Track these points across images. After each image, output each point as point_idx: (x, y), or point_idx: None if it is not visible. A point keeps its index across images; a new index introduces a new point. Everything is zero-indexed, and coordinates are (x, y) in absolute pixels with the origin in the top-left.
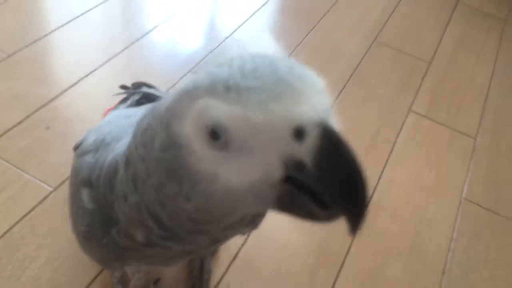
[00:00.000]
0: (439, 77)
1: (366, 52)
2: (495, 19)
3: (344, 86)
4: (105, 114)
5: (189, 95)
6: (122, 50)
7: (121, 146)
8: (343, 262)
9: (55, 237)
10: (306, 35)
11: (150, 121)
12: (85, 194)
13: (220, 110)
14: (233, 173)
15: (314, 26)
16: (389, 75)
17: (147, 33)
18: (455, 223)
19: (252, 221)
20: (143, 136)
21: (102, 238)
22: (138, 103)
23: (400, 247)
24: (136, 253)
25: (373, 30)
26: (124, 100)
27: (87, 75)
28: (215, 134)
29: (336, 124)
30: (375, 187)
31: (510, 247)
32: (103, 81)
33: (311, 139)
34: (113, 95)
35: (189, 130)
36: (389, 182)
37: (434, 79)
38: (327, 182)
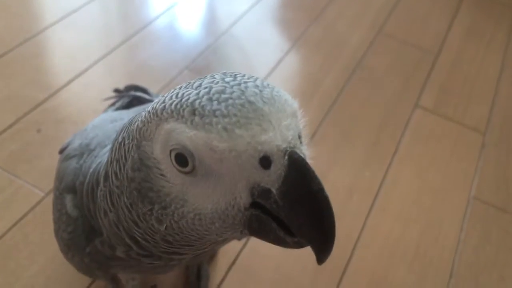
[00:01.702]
0: (447, 70)
1: (370, 45)
2: (506, 7)
3: (347, 80)
4: None
5: (157, 117)
6: (115, 49)
7: (104, 154)
8: (346, 266)
9: (48, 243)
10: (308, 27)
11: (124, 137)
12: (68, 200)
13: (185, 135)
14: (201, 198)
15: (316, 18)
16: (394, 68)
17: (141, 29)
18: (463, 223)
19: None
20: (118, 152)
21: (85, 247)
22: (128, 105)
23: (405, 249)
24: (122, 263)
25: (377, 21)
26: (114, 103)
27: (79, 75)
28: (182, 158)
29: (305, 150)
30: (379, 188)
31: None
32: (96, 80)
33: (277, 168)
34: (103, 99)
35: (157, 152)
36: (394, 181)
37: (442, 72)
38: (291, 212)
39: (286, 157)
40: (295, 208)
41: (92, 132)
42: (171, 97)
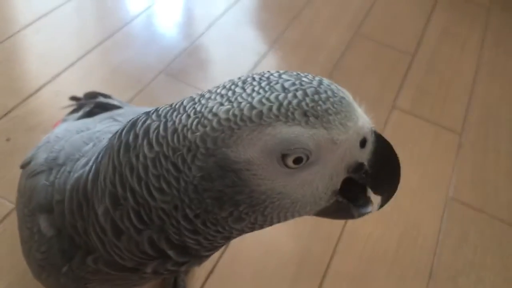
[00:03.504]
0: (423, 70)
1: (348, 46)
2: (480, 6)
3: None
4: (54, 126)
5: (251, 123)
6: (88, 53)
7: (79, 169)
8: (326, 270)
9: (17, 258)
10: (285, 29)
11: (159, 152)
12: (43, 220)
13: (305, 135)
14: (301, 187)
15: (293, 20)
16: (371, 69)
17: (114, 33)
18: (441, 224)
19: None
20: (155, 169)
21: (61, 267)
22: (90, 114)
23: (384, 252)
24: (103, 277)
25: (353, 22)
26: (74, 111)
27: (50, 81)
28: (299, 157)
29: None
30: None
31: (498, 247)
32: (68, 86)
33: (369, 145)
34: (63, 107)
35: (253, 155)
36: None
37: (418, 73)
38: (378, 176)
39: (373, 135)
40: (380, 172)
41: (57, 144)
42: (245, 103)
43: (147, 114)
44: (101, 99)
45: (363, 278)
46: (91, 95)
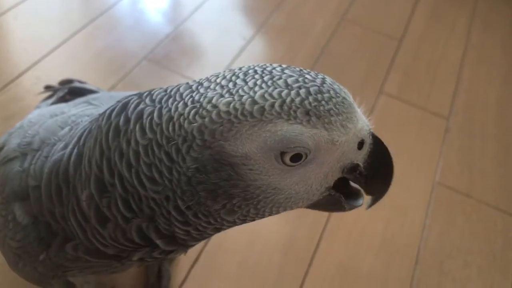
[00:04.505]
0: (411, 55)
1: (334, 31)
2: None
3: (312, 67)
4: None
5: (252, 118)
6: (68, 39)
7: (57, 152)
8: (312, 257)
9: None
10: (271, 14)
11: (152, 139)
12: (18, 208)
13: (306, 135)
14: (296, 184)
15: (279, 5)
16: (358, 54)
17: (95, 18)
18: (428, 209)
19: None
20: (147, 158)
21: (38, 255)
22: (63, 99)
23: (371, 237)
24: (83, 264)
25: (340, 7)
26: (48, 98)
27: (30, 68)
28: (297, 155)
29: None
30: None
31: (484, 231)
32: (48, 73)
33: (366, 147)
34: (38, 93)
35: (250, 150)
36: None
37: (405, 57)
38: (372, 178)
39: (371, 137)
40: (375, 175)
41: (30, 129)
42: (248, 98)
43: (140, 96)
44: (76, 84)
45: (350, 264)
46: (66, 82)
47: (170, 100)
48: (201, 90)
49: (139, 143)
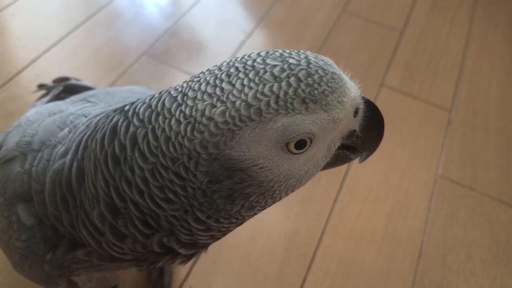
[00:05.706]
0: (412, 47)
1: (335, 24)
2: None
3: None
4: None
5: (250, 122)
6: (67, 35)
7: (58, 159)
8: (315, 252)
9: None
10: (271, 6)
11: (156, 162)
12: (21, 209)
13: (307, 122)
14: (304, 165)
15: None
16: (359, 47)
17: (94, 14)
18: (431, 202)
19: None
20: (155, 181)
21: (45, 255)
22: (58, 97)
23: (373, 231)
24: (90, 265)
25: None
26: (44, 96)
27: (29, 65)
28: (301, 142)
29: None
30: (347, 170)
31: (487, 224)
32: (47, 70)
33: (361, 112)
34: (33, 91)
35: (258, 150)
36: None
37: (407, 49)
38: (367, 137)
39: (363, 102)
40: (368, 134)
41: (29, 128)
42: (241, 101)
43: (125, 116)
44: (72, 81)
45: (352, 259)
46: (61, 80)
47: (160, 118)
48: (189, 103)
49: (143, 168)
